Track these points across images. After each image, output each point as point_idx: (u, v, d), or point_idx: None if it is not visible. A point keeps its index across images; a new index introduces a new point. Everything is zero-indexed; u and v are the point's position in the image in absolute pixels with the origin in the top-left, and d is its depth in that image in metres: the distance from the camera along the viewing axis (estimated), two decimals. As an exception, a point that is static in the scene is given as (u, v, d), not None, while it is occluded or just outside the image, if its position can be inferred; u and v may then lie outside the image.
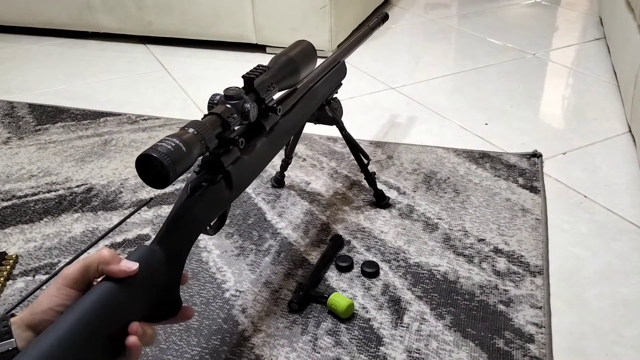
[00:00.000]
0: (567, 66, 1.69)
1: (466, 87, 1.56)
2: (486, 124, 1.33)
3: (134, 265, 0.49)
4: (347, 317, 0.77)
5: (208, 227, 0.62)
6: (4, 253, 0.93)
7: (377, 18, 1.05)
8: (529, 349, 0.71)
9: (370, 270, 0.85)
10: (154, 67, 1.83)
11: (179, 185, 1.11)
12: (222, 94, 0.60)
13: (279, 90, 0.70)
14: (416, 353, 0.72)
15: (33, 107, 1.52)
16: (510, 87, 1.54)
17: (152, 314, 0.53)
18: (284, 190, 1.09)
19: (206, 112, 0.59)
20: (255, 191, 1.09)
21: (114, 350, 0.47)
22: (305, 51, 0.77)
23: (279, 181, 1.09)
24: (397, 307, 0.79)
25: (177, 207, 0.56)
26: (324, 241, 0.93)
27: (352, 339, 0.74)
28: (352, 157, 1.18)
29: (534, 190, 1.05)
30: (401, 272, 0.86)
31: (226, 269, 0.88)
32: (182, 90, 1.63)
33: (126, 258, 0.51)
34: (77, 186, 1.14)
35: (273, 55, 0.74)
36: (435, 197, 1.04)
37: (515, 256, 0.88)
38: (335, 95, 0.94)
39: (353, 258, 0.88)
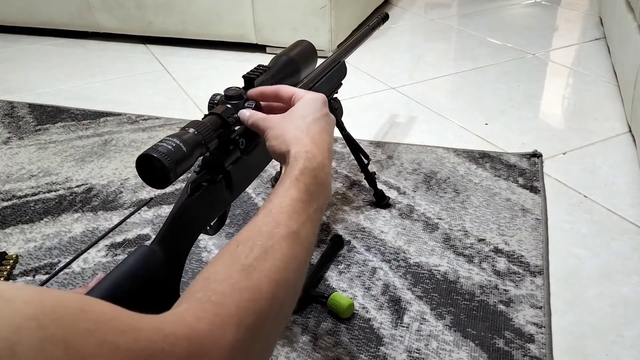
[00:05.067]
0: (567, 66, 1.69)
1: (466, 87, 1.56)
2: (486, 124, 1.33)
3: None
4: (347, 317, 0.77)
5: (208, 227, 0.62)
6: (4, 253, 0.93)
7: (377, 18, 1.05)
8: (529, 349, 0.71)
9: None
10: (154, 67, 1.83)
11: (179, 185, 1.11)
12: (223, 94, 0.61)
13: (279, 91, 0.70)
14: (416, 353, 0.72)
15: (33, 107, 1.52)
16: (510, 87, 1.54)
17: (152, 314, 0.53)
18: (284, 190, 1.08)
19: (206, 112, 0.59)
20: (256, 191, 1.09)
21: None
22: (305, 51, 0.77)
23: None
24: (397, 307, 0.79)
25: (177, 207, 0.56)
26: (324, 241, 0.93)
27: (352, 339, 0.74)
28: (352, 157, 1.18)
29: (534, 190, 1.05)
30: (401, 272, 0.86)
31: (226, 269, 0.88)
32: (182, 90, 1.63)
33: (126, 258, 0.51)
34: (77, 186, 1.14)
35: (273, 55, 0.74)
36: (435, 197, 1.04)
37: (515, 256, 0.88)
38: (335, 95, 0.94)
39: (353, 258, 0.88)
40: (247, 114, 0.58)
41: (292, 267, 0.43)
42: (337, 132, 0.96)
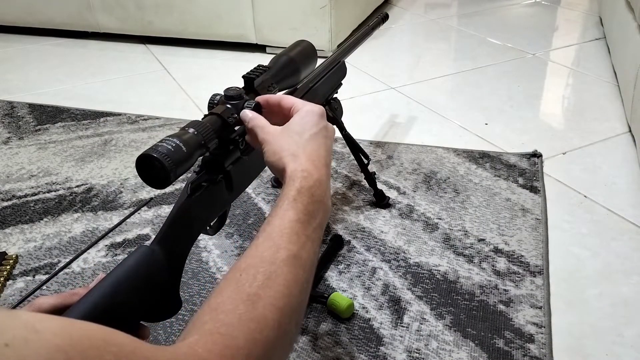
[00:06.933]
0: (567, 66, 1.69)
1: (466, 87, 1.56)
2: (486, 124, 1.33)
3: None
4: (347, 317, 0.77)
5: (208, 227, 0.62)
6: (4, 253, 0.93)
7: (377, 18, 1.05)
8: (529, 349, 0.71)
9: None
10: (154, 67, 1.83)
11: (179, 185, 1.11)
12: (223, 94, 0.60)
13: (279, 90, 0.70)
14: (416, 353, 0.72)
15: (33, 107, 1.52)
16: (510, 87, 1.54)
17: (152, 314, 0.53)
18: (284, 190, 1.08)
19: (206, 112, 0.59)
20: (255, 191, 1.09)
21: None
22: (305, 51, 0.77)
23: (279, 181, 1.09)
24: (397, 307, 0.79)
25: (177, 207, 0.56)
26: (324, 241, 0.93)
27: (352, 339, 0.74)
28: (352, 157, 1.18)
29: (534, 190, 1.05)
30: (401, 272, 0.86)
31: (226, 269, 0.88)
32: (182, 90, 1.63)
33: (126, 258, 0.51)
34: (77, 186, 1.14)
35: (273, 55, 0.74)
36: (435, 197, 1.04)
37: (515, 256, 0.88)
38: (335, 95, 0.94)
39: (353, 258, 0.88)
40: (249, 115, 0.58)
41: (295, 292, 0.44)
42: (337, 132, 0.96)
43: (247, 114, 0.58)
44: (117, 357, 0.30)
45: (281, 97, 0.61)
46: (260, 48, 1.90)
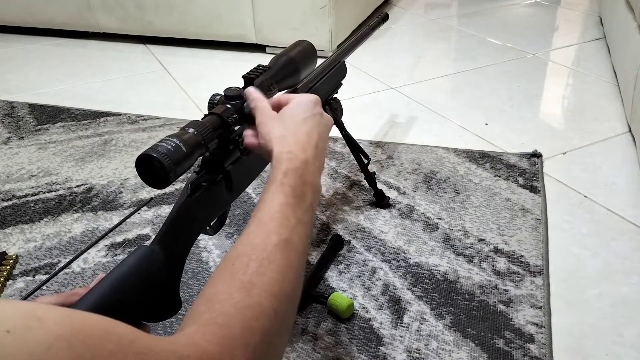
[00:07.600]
0: (567, 66, 1.69)
1: (466, 87, 1.56)
2: (486, 124, 1.33)
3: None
4: (347, 317, 0.77)
5: (208, 227, 0.62)
6: (4, 253, 0.93)
7: (377, 18, 1.05)
8: (529, 349, 0.71)
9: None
10: (154, 67, 1.83)
11: (179, 185, 1.11)
12: (222, 94, 0.60)
13: (279, 90, 0.70)
14: (416, 353, 0.72)
15: (33, 107, 1.52)
16: (510, 87, 1.54)
17: (152, 314, 0.53)
18: (284, 190, 1.08)
19: (206, 112, 0.59)
20: (255, 191, 1.09)
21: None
22: (305, 51, 0.77)
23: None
24: (397, 307, 0.79)
25: (177, 207, 0.56)
26: (324, 241, 0.93)
27: (352, 339, 0.74)
28: (352, 157, 1.18)
29: (534, 190, 1.05)
30: (401, 272, 0.86)
31: (226, 269, 0.88)
32: (182, 90, 1.63)
33: (126, 258, 0.51)
34: (77, 186, 1.14)
35: (273, 55, 0.74)
36: (435, 197, 1.04)
37: (515, 256, 0.88)
38: (335, 95, 0.94)
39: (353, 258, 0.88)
40: (254, 94, 0.58)
41: (288, 277, 0.44)
42: (337, 132, 0.96)
43: (252, 92, 0.58)
44: (118, 346, 0.31)
45: (279, 96, 0.61)
46: (260, 48, 1.90)
